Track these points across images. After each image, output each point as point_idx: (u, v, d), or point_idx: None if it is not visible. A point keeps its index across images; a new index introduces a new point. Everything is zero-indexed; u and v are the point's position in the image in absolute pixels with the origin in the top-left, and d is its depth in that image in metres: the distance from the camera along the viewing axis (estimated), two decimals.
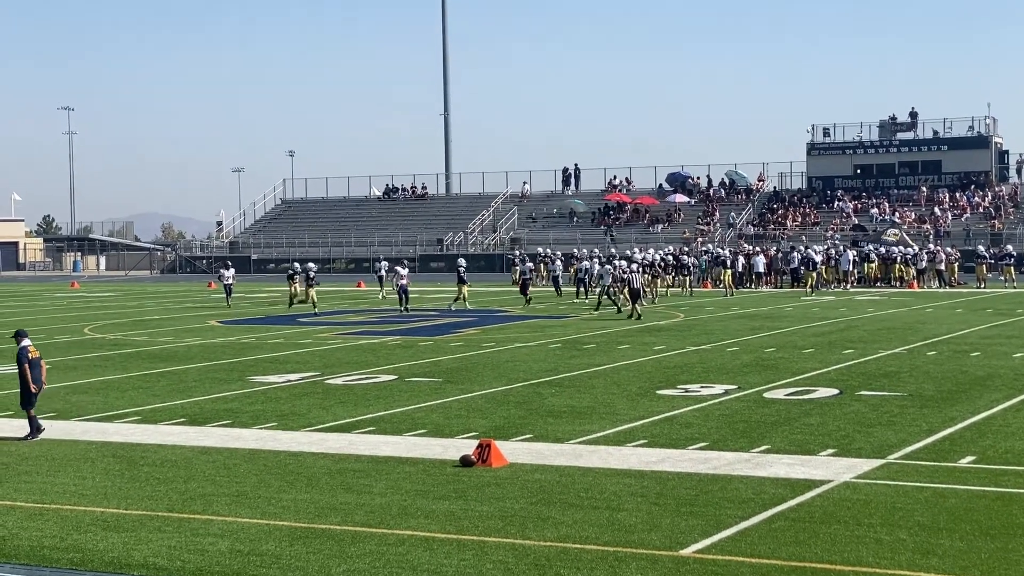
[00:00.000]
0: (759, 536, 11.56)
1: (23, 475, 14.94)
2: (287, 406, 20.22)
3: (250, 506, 13.08)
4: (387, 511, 12.74)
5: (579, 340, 30.74)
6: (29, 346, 18.06)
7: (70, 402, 21.16)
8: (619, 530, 11.84)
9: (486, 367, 25.21)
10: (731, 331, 32.76)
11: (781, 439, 16.47)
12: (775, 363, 25.19)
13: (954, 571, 10.41)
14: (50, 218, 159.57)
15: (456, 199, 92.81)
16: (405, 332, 34.23)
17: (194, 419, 19.04)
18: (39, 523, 12.49)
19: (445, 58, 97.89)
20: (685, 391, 21.21)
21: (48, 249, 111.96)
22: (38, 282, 77.12)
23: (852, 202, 77.46)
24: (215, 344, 31.52)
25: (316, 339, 32.34)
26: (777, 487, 13.56)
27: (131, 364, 27.02)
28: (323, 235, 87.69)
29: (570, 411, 19.20)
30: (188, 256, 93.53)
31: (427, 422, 18.33)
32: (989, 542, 11.23)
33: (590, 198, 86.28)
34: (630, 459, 15.30)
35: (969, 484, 13.67)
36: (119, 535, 11.94)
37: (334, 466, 15.15)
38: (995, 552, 10.91)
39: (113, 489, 14.05)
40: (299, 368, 25.51)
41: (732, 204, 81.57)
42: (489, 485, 13.85)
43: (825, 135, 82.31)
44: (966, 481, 13.83)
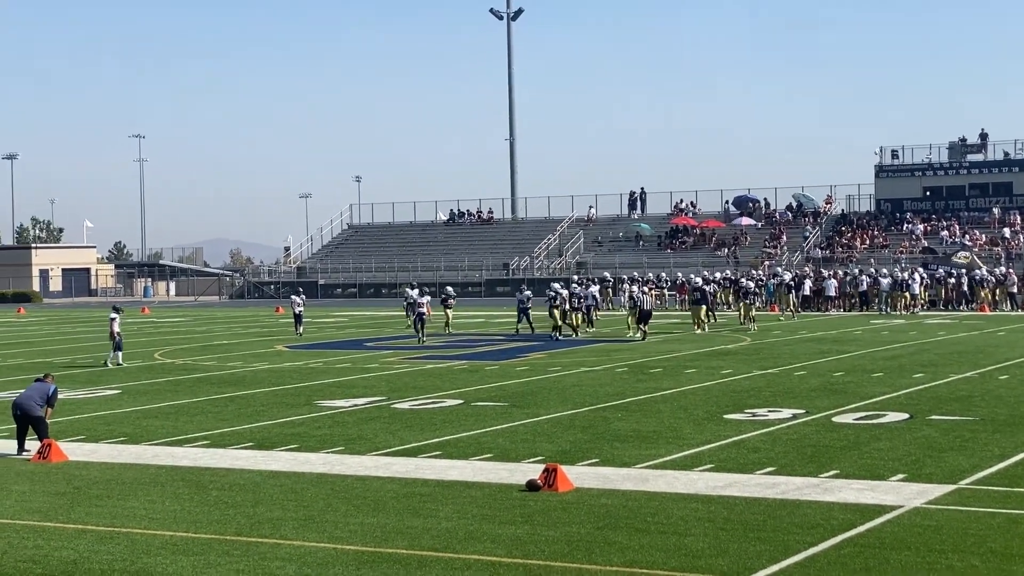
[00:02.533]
0: (827, 562, 11.44)
1: (94, 499, 15.12)
2: (354, 430, 20.32)
3: (317, 530, 13.14)
4: (453, 535, 12.75)
5: (646, 364, 30.64)
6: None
7: (140, 426, 21.39)
8: (686, 555, 11.77)
9: (552, 391, 25.19)
10: (799, 355, 32.51)
11: (850, 464, 16.30)
12: (844, 387, 24.95)
13: None
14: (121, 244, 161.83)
15: (522, 223, 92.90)
16: (471, 357, 34.29)
17: (262, 443, 19.19)
18: (109, 546, 12.63)
19: (511, 83, 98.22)
20: (752, 415, 21.06)
21: (119, 275, 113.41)
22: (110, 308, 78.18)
23: (922, 224, 76.63)
24: (283, 369, 31.76)
25: (382, 364, 32.48)
26: (846, 512, 13.42)
27: (200, 389, 27.28)
28: (389, 260, 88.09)
29: (636, 435, 19.13)
30: (256, 281, 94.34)
31: (493, 446, 18.34)
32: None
33: (656, 222, 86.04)
34: (697, 484, 15.21)
35: None
36: (188, 559, 12.05)
37: (401, 490, 15.19)
38: None
39: (182, 513, 14.18)
40: (366, 392, 25.63)
41: (799, 227, 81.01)
42: (555, 510, 13.82)
43: (894, 157, 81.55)
44: None
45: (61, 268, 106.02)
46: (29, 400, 18.60)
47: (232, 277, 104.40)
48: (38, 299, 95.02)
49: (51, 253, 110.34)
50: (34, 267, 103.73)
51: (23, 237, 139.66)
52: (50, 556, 12.26)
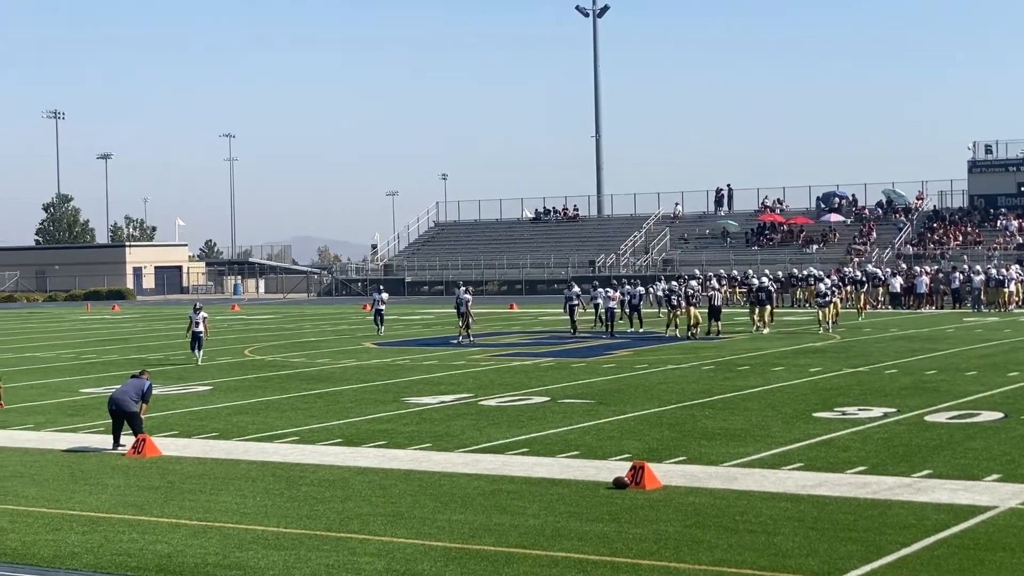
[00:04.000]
0: (921, 563, 11.29)
1: (187, 493, 15.35)
2: (441, 427, 20.42)
3: (405, 526, 13.23)
4: (541, 533, 12.76)
5: (733, 362, 30.44)
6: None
7: (231, 422, 21.67)
8: (776, 555, 11.67)
9: (639, 389, 25.12)
10: (889, 353, 32.10)
11: (943, 464, 16.06)
12: (936, 385, 24.59)
13: None
14: (212, 243, 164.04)
15: (608, 220, 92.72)
16: (558, 354, 34.29)
17: (350, 439, 19.35)
18: (202, 540, 12.82)
19: (596, 80, 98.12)
20: (842, 414, 20.84)
21: (210, 273, 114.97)
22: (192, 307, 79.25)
23: (1016, 220, 75.28)
24: (370, 366, 31.99)
25: (469, 361, 32.59)
26: (939, 513, 13.23)
27: (289, 385, 27.58)
28: (475, 257, 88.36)
29: (724, 433, 19.01)
30: (344, 279, 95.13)
31: (580, 444, 18.33)
32: None
33: (743, 218, 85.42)
34: (786, 482, 15.08)
35: None
36: (279, 553, 12.19)
37: (488, 487, 15.24)
38: None
39: (273, 508, 14.35)
40: (453, 389, 25.73)
41: (889, 223, 79.99)
42: (643, 508, 13.79)
43: (987, 152, 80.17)
44: None
45: (154, 266, 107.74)
46: (124, 396, 18.93)
47: (320, 275, 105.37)
48: (131, 296, 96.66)
49: (144, 251, 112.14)
50: (128, 265, 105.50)
51: (117, 236, 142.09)
52: (145, 550, 12.47)
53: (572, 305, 42.07)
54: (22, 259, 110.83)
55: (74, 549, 12.59)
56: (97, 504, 14.82)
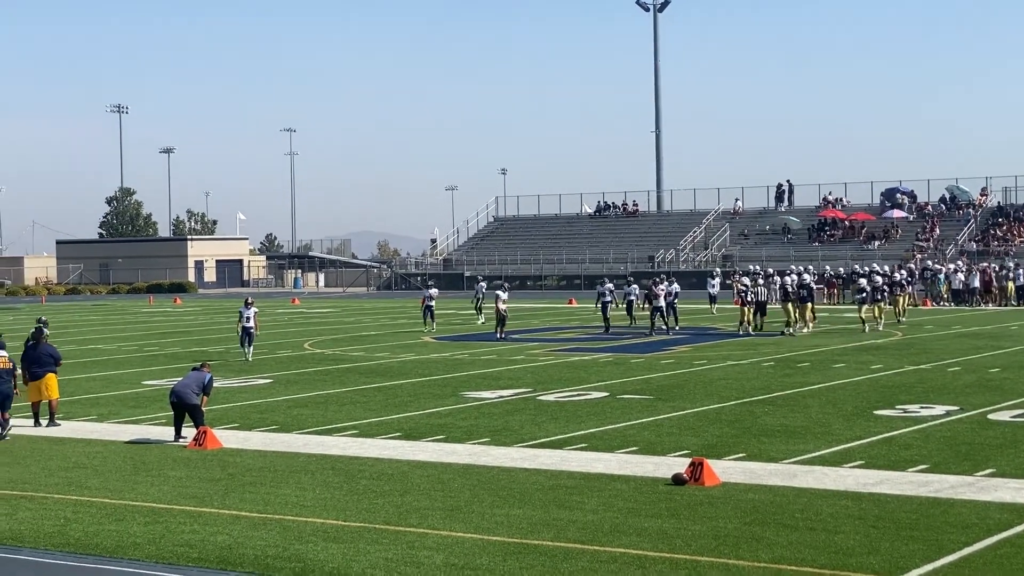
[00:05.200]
0: (984, 563, 11.17)
1: (247, 486, 15.47)
2: (499, 422, 20.44)
3: (464, 520, 13.26)
4: (599, 528, 12.75)
5: (793, 358, 30.23)
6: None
7: (291, 415, 21.82)
8: (836, 553, 11.59)
9: (698, 385, 25.01)
10: (952, 350, 31.75)
11: (1007, 463, 15.88)
12: (1000, 383, 24.30)
13: None
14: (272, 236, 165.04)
15: (667, 216, 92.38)
16: (616, 349, 34.22)
17: (409, 434, 19.42)
18: (262, 532, 12.92)
19: (656, 75, 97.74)
20: (904, 411, 20.64)
21: (270, 266, 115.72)
22: (261, 298, 79.74)
23: None
24: (429, 360, 32.09)
25: (528, 356, 32.61)
26: (1003, 512, 13.08)
27: (348, 379, 27.72)
28: (535, 252, 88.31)
29: (784, 430, 18.89)
30: (403, 273, 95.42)
31: (639, 439, 18.29)
32: None
33: (804, 214, 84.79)
34: (847, 480, 14.97)
35: None
36: (339, 546, 12.26)
37: (546, 482, 15.24)
38: None
39: (332, 501, 14.43)
40: (511, 384, 25.75)
41: (953, 220, 79.12)
42: (702, 504, 13.73)
43: None
44: None
45: (215, 259, 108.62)
46: (186, 388, 19.11)
47: (380, 269, 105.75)
48: (193, 289, 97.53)
49: (206, 245, 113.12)
50: (190, 258, 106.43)
51: (179, 229, 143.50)
52: (206, 541, 12.59)
53: (606, 302, 41.59)
54: (86, 252, 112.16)
55: (136, 539, 12.74)
56: (158, 495, 14.98)
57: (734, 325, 41.24)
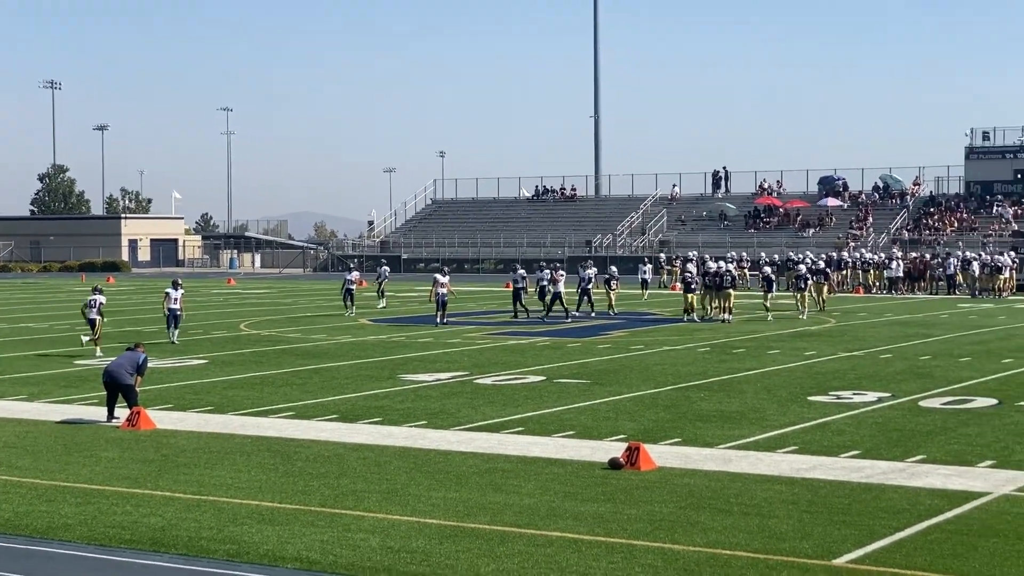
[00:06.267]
0: (915, 548, 11.32)
1: (181, 467, 15.34)
2: (436, 405, 20.41)
3: (400, 503, 13.24)
4: (536, 512, 12.78)
5: (728, 344, 30.44)
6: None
7: (227, 397, 21.66)
8: (770, 537, 11.69)
9: (634, 370, 25.12)
10: (884, 337, 32.12)
11: (937, 449, 16.10)
12: (930, 371, 24.62)
13: None
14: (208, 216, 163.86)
15: (605, 201, 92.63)
16: (553, 333, 34.29)
17: (346, 416, 19.35)
18: (196, 514, 12.82)
19: (596, 60, 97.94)
20: (837, 398, 20.86)
21: (206, 246, 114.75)
22: (196, 278, 79.14)
23: (1012, 208, 75.29)
24: (366, 342, 31.98)
25: (465, 339, 32.59)
26: (933, 498, 13.26)
27: (285, 360, 27.56)
28: (472, 235, 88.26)
29: (719, 415, 19.03)
30: (340, 255, 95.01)
31: (575, 424, 18.34)
32: None
33: (740, 201, 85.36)
34: (781, 465, 15.11)
35: None
36: (274, 528, 12.19)
37: (483, 465, 15.24)
38: None
39: (268, 483, 14.35)
40: (448, 367, 25.72)
41: (886, 208, 80.00)
42: (638, 488, 13.80)
43: (984, 139, 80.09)
44: None
45: (149, 239, 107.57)
46: (120, 368, 18.90)
47: (316, 250, 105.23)
48: (127, 269, 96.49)
49: (140, 224, 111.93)
50: (123, 237, 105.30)
51: (113, 207, 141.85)
52: (139, 523, 12.47)
53: (518, 288, 41.16)
54: (17, 229, 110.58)
55: (67, 521, 12.59)
56: (91, 476, 14.81)
57: (671, 310, 41.47)
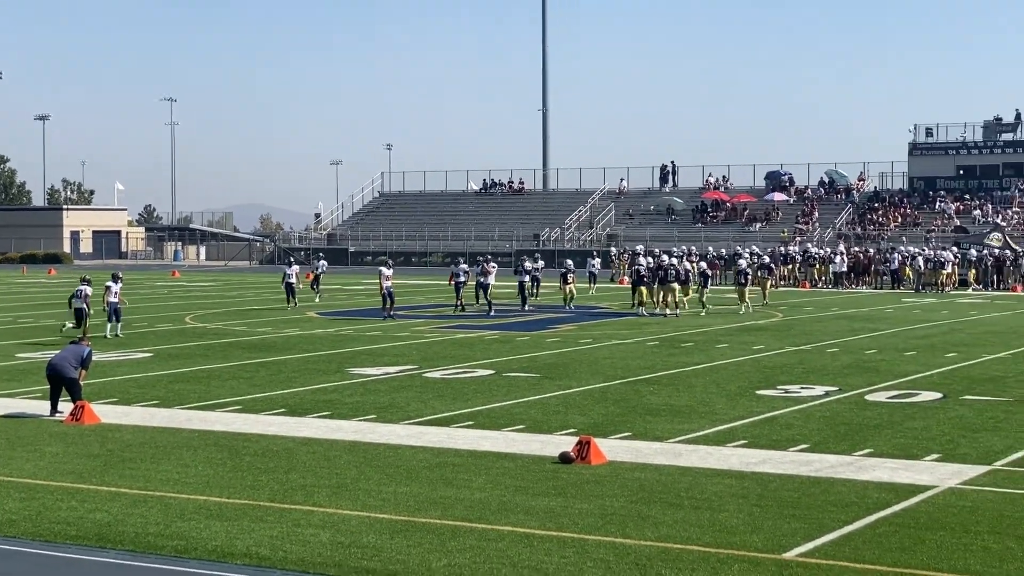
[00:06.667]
0: (863, 541, 11.38)
1: (127, 462, 15.17)
2: (386, 398, 20.33)
3: (351, 498, 13.15)
4: (487, 506, 12.74)
5: (677, 338, 30.54)
6: None
7: (172, 390, 21.46)
8: (721, 531, 11.72)
9: (584, 363, 25.14)
10: (831, 332, 32.35)
11: (884, 443, 16.21)
12: (876, 365, 24.82)
13: None
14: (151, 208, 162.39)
15: (553, 194, 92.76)
16: (502, 327, 34.26)
17: (294, 410, 19.21)
18: (143, 510, 12.67)
19: (544, 53, 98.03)
20: (785, 392, 20.97)
21: (149, 238, 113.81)
22: (140, 270, 78.48)
23: (954, 203, 76.15)
24: (314, 335, 31.81)
25: (413, 332, 32.49)
26: (881, 491, 13.35)
27: (231, 354, 27.35)
28: (420, 228, 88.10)
29: (669, 409, 19.08)
30: (287, 247, 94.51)
31: (525, 418, 18.32)
32: None
33: (688, 195, 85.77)
34: (730, 459, 15.16)
35: None
36: (222, 524, 12.07)
37: (433, 460, 15.19)
38: None
39: (216, 478, 14.22)
40: (397, 361, 25.63)
41: (831, 204, 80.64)
42: (588, 483, 13.79)
43: (928, 135, 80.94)
44: None
45: (92, 230, 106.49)
46: (63, 362, 18.66)
47: (262, 243, 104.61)
48: (68, 260, 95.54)
49: (82, 215, 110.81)
50: (65, 228, 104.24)
51: (54, 198, 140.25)
52: (84, 519, 12.31)
53: (459, 282, 40.81)
54: None
55: (11, 516, 12.41)
56: (35, 471, 14.61)
57: (619, 304, 41.59)
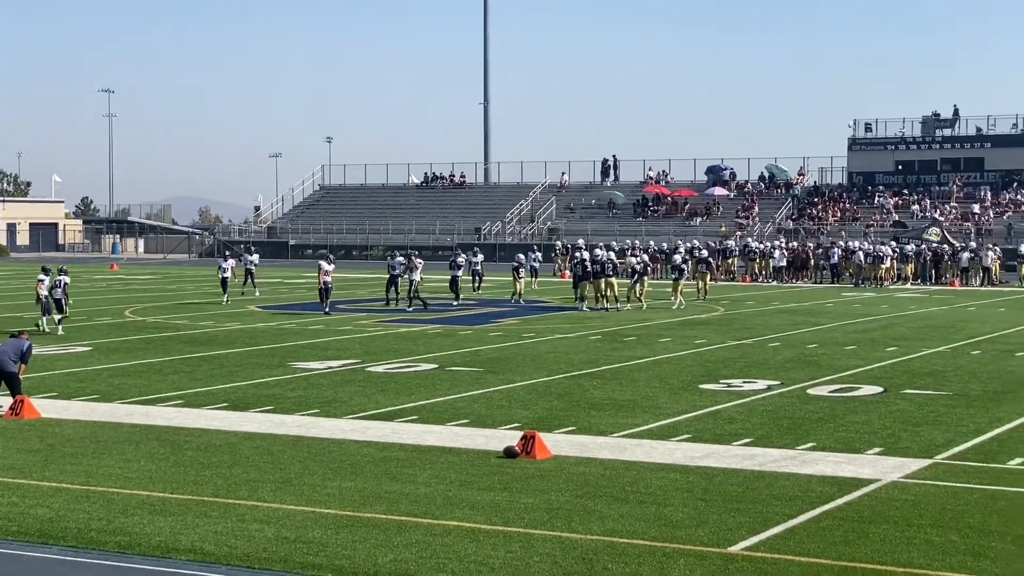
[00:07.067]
0: (807, 535, 11.47)
1: (69, 457, 14.99)
2: (329, 393, 20.23)
3: (295, 493, 13.08)
4: (432, 501, 12.71)
5: (619, 332, 30.63)
6: None
7: (113, 384, 21.24)
8: (666, 525, 11.77)
9: (527, 358, 25.15)
10: (772, 326, 32.57)
11: (827, 436, 16.35)
12: (818, 359, 25.02)
13: (1007, 575, 10.29)
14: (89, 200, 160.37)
15: (495, 188, 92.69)
16: (445, 321, 34.21)
17: (236, 404, 19.08)
18: (86, 505, 12.53)
19: (486, 47, 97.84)
20: (728, 386, 21.09)
21: (87, 231, 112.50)
22: (77, 263, 77.58)
23: (893, 198, 76.91)
24: (255, 329, 31.59)
25: (356, 326, 32.36)
26: (824, 485, 13.45)
27: (172, 347, 27.11)
28: (360, 222, 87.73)
29: (612, 404, 19.12)
30: (226, 240, 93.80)
31: (469, 412, 18.30)
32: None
33: (629, 189, 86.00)
34: (675, 453, 15.22)
35: (1019, 487, 13.54)
36: (166, 519, 11.96)
37: (378, 454, 15.13)
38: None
39: (158, 473, 14.09)
40: (340, 355, 25.52)
41: (771, 198, 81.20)
42: (534, 477, 13.80)
43: (867, 130, 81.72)
44: (1016, 483, 13.70)
45: (28, 222, 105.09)
46: (3, 356, 18.38)
47: (202, 236, 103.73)
48: (5, 253, 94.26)
49: (18, 207, 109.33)
50: (1, 221, 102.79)
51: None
52: (26, 514, 12.15)
53: (394, 275, 40.69)
54: None
55: None
56: None
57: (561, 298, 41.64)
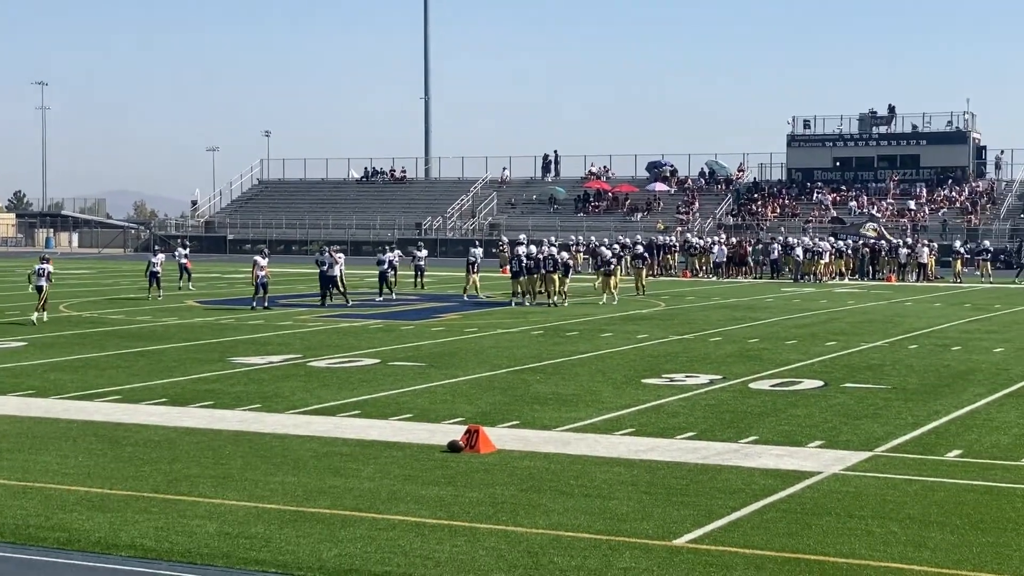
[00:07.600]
0: (751, 527, 11.51)
1: (4, 452, 14.76)
2: (270, 388, 20.07)
3: (237, 488, 12.95)
4: (376, 495, 12.63)
5: (561, 327, 30.65)
6: None
7: (48, 380, 20.95)
8: (611, 519, 11.76)
9: (469, 352, 25.10)
10: (713, 321, 32.74)
11: (768, 430, 16.43)
12: (759, 354, 25.17)
13: (947, 564, 10.39)
14: (21, 194, 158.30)
15: (435, 183, 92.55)
16: (386, 316, 34.08)
17: (175, 399, 18.87)
18: (23, 501, 12.34)
19: (426, 41, 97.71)
20: (670, 380, 21.15)
21: (20, 225, 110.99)
22: (10, 258, 76.57)
23: (831, 194, 77.64)
24: (194, 324, 31.31)
25: (296, 321, 32.16)
26: (767, 478, 13.52)
27: (109, 343, 26.79)
28: (300, 217, 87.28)
29: (556, 398, 19.12)
30: (162, 235, 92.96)
31: (413, 407, 18.22)
32: (980, 536, 11.23)
33: (570, 185, 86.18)
34: (619, 447, 15.23)
35: (957, 478, 13.67)
36: (105, 515, 11.80)
37: (321, 449, 15.02)
38: (986, 546, 10.91)
39: (97, 469, 13.90)
40: (280, 350, 25.33)
41: (712, 194, 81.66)
42: (478, 471, 13.76)
43: (805, 127, 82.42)
44: (954, 475, 13.84)
45: None
46: None
47: (137, 230, 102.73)
48: None
49: None
50: None
51: None
52: None
53: (323, 271, 39.98)
54: None
55: None
56: None
57: (502, 293, 41.62)
